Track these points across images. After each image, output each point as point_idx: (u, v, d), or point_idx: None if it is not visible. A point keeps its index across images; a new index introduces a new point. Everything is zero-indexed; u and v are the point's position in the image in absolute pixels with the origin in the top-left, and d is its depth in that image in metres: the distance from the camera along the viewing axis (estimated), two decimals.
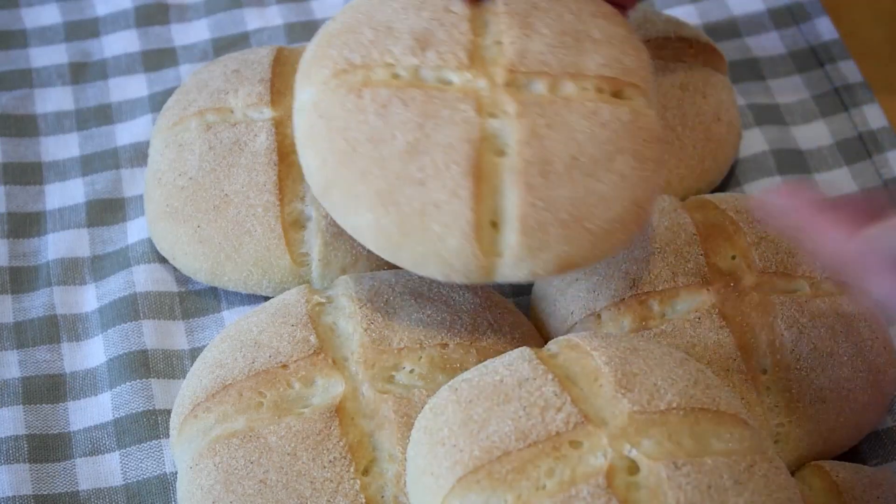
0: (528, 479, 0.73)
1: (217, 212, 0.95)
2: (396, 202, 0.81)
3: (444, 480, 0.75)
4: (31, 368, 0.94)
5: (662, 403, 0.76)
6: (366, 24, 0.87)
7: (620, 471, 0.74)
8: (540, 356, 0.80)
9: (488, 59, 0.86)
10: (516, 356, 0.80)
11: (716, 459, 0.74)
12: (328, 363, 0.86)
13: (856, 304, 0.92)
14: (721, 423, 0.76)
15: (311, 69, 0.87)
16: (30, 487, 0.88)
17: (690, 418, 0.76)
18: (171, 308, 0.97)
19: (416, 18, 0.86)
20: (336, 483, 0.82)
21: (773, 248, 0.93)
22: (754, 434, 0.77)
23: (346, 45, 0.86)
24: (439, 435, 0.77)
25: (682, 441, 0.75)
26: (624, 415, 0.76)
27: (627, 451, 0.74)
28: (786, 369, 0.88)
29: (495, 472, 0.74)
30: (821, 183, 1.05)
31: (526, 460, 0.74)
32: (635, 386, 0.77)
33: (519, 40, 0.86)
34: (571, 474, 0.73)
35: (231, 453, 0.84)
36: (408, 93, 0.83)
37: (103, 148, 1.07)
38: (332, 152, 0.83)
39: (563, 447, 0.74)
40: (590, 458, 0.74)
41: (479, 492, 0.73)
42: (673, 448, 0.74)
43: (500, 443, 0.75)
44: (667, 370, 0.79)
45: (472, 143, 0.82)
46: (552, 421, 0.75)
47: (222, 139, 0.97)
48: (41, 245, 1.01)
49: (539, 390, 0.77)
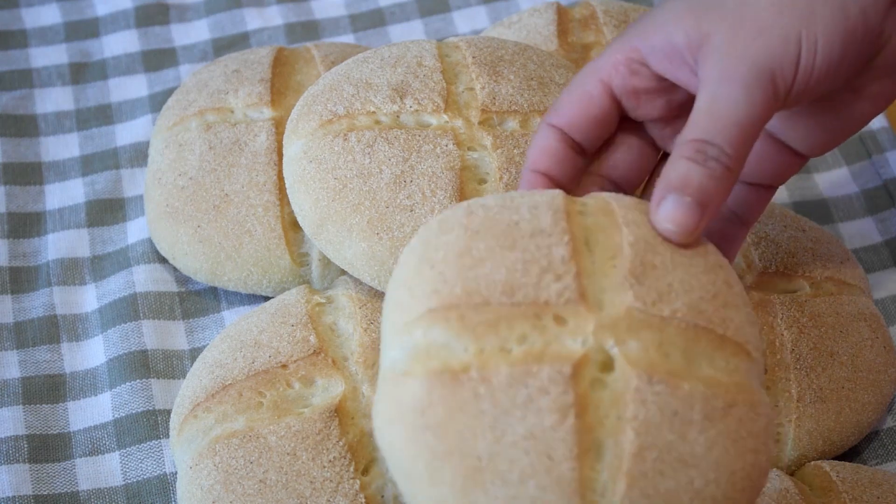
0: (497, 337, 0.69)
1: (217, 212, 0.95)
2: (388, 228, 0.87)
3: (418, 304, 0.70)
4: (31, 368, 0.94)
5: (667, 309, 0.70)
6: (345, 82, 0.92)
7: (593, 364, 0.69)
8: (569, 209, 0.73)
9: (462, 104, 0.91)
10: (546, 199, 0.74)
11: (694, 387, 0.69)
12: (328, 363, 0.86)
13: (856, 304, 0.92)
14: (721, 348, 0.70)
15: (298, 124, 0.91)
16: (30, 487, 0.88)
17: (690, 334, 0.70)
18: (171, 308, 0.97)
19: (391, 73, 0.92)
20: (336, 483, 0.82)
21: (774, 247, 0.93)
22: (751, 369, 0.72)
23: (329, 100, 0.91)
24: (434, 255, 0.72)
25: (671, 354, 0.69)
26: (623, 306, 0.70)
27: (610, 346, 0.69)
28: (786, 369, 0.88)
29: (468, 318, 0.69)
30: (821, 183, 1.05)
31: (502, 317, 0.69)
32: (647, 280, 0.71)
33: (489, 85, 0.91)
34: (542, 350, 0.69)
35: (231, 453, 0.84)
36: (391, 133, 0.89)
37: (103, 148, 1.08)
38: (324, 190, 0.89)
39: (546, 318, 0.69)
40: (567, 340, 0.69)
41: (445, 329, 0.69)
42: (658, 359, 0.69)
43: (485, 290, 0.70)
44: (690, 273, 0.72)
45: (454, 171, 0.88)
46: (546, 287, 0.70)
47: (222, 139, 0.97)
48: (41, 245, 1.01)
49: (548, 248, 0.71)
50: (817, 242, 0.95)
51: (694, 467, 0.67)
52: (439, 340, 0.69)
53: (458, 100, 0.91)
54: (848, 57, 0.74)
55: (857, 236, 1.02)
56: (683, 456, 0.67)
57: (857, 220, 1.03)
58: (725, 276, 0.74)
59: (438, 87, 0.91)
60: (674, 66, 0.75)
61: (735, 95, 0.71)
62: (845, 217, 1.03)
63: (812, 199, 1.04)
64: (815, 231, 0.96)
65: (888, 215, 1.03)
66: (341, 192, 0.88)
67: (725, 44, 0.73)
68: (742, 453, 0.69)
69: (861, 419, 0.89)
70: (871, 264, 1.00)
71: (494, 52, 0.94)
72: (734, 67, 0.72)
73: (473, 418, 0.67)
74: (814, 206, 1.04)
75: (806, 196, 1.04)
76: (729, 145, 0.71)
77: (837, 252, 0.95)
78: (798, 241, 0.94)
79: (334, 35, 1.17)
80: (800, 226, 0.96)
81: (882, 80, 0.77)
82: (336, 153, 0.89)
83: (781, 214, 0.96)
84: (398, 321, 0.71)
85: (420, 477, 0.68)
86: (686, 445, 0.67)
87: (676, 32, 0.74)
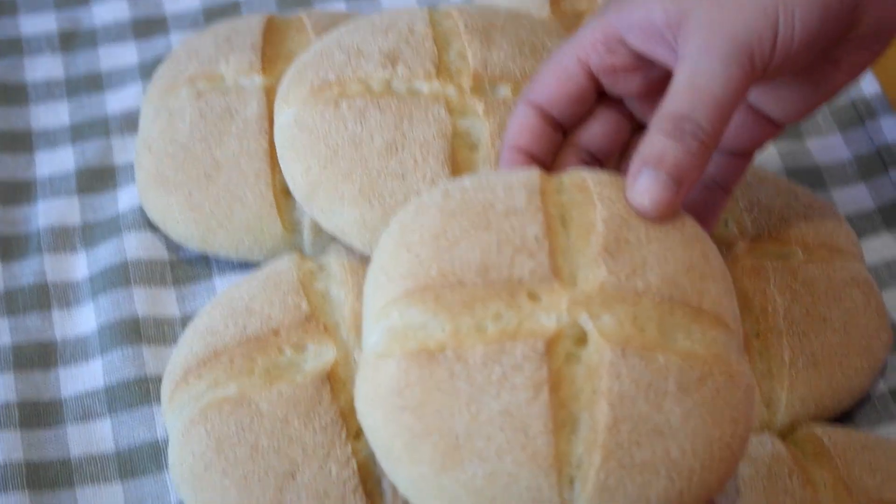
0: (472, 316, 0.69)
1: (208, 179, 0.95)
2: (380, 196, 0.87)
3: (395, 287, 0.71)
4: (21, 335, 0.94)
5: (641, 283, 0.70)
6: (336, 49, 0.91)
7: (567, 339, 0.69)
8: (545, 187, 0.74)
9: (454, 70, 0.91)
10: (522, 179, 0.75)
11: (669, 359, 0.69)
12: (320, 329, 0.86)
13: (848, 270, 0.92)
14: (697, 320, 0.71)
15: (289, 92, 0.91)
16: (21, 454, 0.88)
17: (665, 307, 0.70)
18: (163, 275, 0.97)
19: (383, 40, 0.91)
20: (328, 448, 0.82)
21: (766, 214, 0.93)
22: (729, 340, 0.72)
23: (320, 68, 0.91)
24: (410, 238, 0.73)
25: (645, 327, 0.70)
26: (597, 281, 0.70)
27: (583, 320, 0.69)
28: (778, 334, 0.88)
29: (444, 298, 0.70)
30: (813, 149, 1.05)
31: (477, 297, 0.70)
32: (622, 255, 0.71)
33: (481, 52, 0.91)
34: (516, 327, 0.69)
35: (222, 419, 0.83)
36: (382, 100, 0.89)
37: (93, 116, 1.07)
38: (316, 158, 0.88)
39: (520, 296, 0.70)
40: (541, 316, 0.69)
41: (421, 310, 0.70)
42: (633, 333, 0.69)
43: (460, 270, 0.70)
44: (666, 247, 0.72)
45: (446, 138, 0.87)
46: (520, 266, 0.70)
47: (213, 107, 0.97)
48: (31, 213, 1.01)
49: (522, 228, 0.72)
50: (810, 208, 0.95)
51: (670, 438, 0.68)
52: (416, 321, 0.70)
53: (450, 67, 0.91)
54: (825, 30, 0.74)
55: (850, 202, 1.02)
56: (659, 427, 0.68)
57: (850, 186, 1.03)
58: (702, 249, 0.74)
59: (430, 54, 0.90)
60: (652, 43, 0.76)
61: (713, 70, 0.72)
62: (838, 183, 1.03)
63: (805, 166, 1.04)
64: (807, 197, 0.96)
65: (881, 181, 1.03)
66: (332, 160, 0.88)
67: (704, 19, 0.73)
68: (719, 423, 0.69)
69: (853, 384, 0.89)
70: (864, 230, 1.00)
71: (486, 20, 0.93)
72: (712, 42, 0.72)
73: (450, 397, 0.68)
74: (806, 172, 1.04)
75: (799, 162, 1.04)
76: (706, 120, 0.72)
77: (830, 218, 0.95)
78: (791, 208, 0.94)
79: (326, 4, 1.16)
80: (793, 192, 0.96)
81: (859, 51, 0.78)
82: (327, 120, 0.89)
83: (774, 181, 0.96)
84: (376, 304, 0.72)
85: (399, 456, 0.69)
86: (661, 416, 0.68)
87: (655, 9, 0.75)
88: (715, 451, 0.68)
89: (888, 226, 1.01)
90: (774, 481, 0.82)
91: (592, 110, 0.81)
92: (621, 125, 0.81)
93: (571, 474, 0.67)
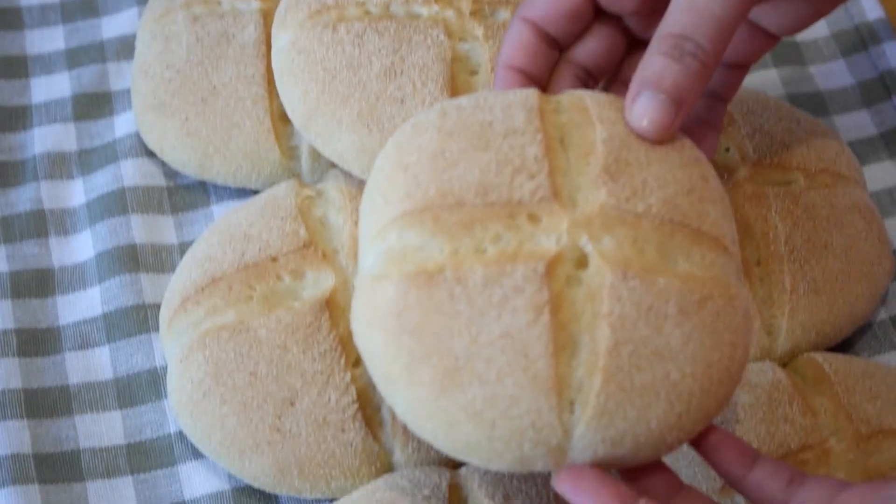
0: (471, 238, 0.69)
1: (205, 104, 0.94)
2: (378, 120, 0.86)
3: (392, 208, 0.70)
4: (18, 263, 0.94)
5: (641, 205, 0.70)
6: None
7: (568, 261, 0.69)
8: (543, 107, 0.73)
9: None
10: (520, 99, 0.73)
11: (669, 282, 0.68)
12: (318, 256, 0.86)
13: (850, 196, 0.91)
14: (696, 243, 0.70)
15: (287, 16, 0.90)
16: (19, 381, 0.88)
17: (665, 230, 0.70)
18: (160, 202, 0.97)
19: None
20: (327, 375, 0.82)
21: (768, 139, 0.92)
22: (728, 263, 0.72)
23: None
24: (407, 158, 0.72)
25: (645, 250, 0.69)
26: (597, 203, 0.70)
27: (584, 242, 0.69)
28: (779, 261, 0.87)
29: (442, 219, 0.69)
30: (816, 75, 1.04)
31: (476, 218, 0.69)
32: (622, 176, 0.71)
33: None
34: (516, 249, 0.68)
35: (221, 346, 0.83)
36: (381, 24, 0.88)
37: (89, 41, 1.06)
38: (314, 82, 0.88)
39: (520, 217, 0.69)
40: (542, 238, 0.69)
41: (419, 231, 0.69)
42: (633, 255, 0.69)
43: (458, 191, 0.70)
44: (665, 169, 0.72)
45: (445, 62, 0.87)
46: (519, 186, 0.70)
47: (210, 31, 0.96)
48: (27, 139, 1.01)
49: (521, 148, 0.71)
50: (812, 134, 0.94)
51: (670, 361, 0.68)
52: (414, 243, 0.69)
53: None
54: None
55: (853, 128, 1.01)
56: (659, 350, 0.67)
57: (853, 112, 1.02)
58: (701, 171, 0.73)
59: None
60: None
61: None
62: (841, 109, 1.03)
63: (808, 91, 1.03)
64: (810, 123, 0.95)
65: (884, 107, 1.02)
66: (331, 84, 0.87)
67: None
68: (718, 346, 0.69)
69: (854, 311, 0.89)
70: (867, 156, 1.00)
71: None
72: None
73: (449, 319, 0.67)
74: (809, 98, 1.03)
75: (801, 88, 1.04)
76: (706, 40, 0.71)
77: (832, 144, 0.94)
78: (793, 133, 0.93)
79: None
80: (795, 118, 0.95)
81: None
82: (325, 44, 0.88)
83: (776, 106, 0.95)
84: (373, 226, 0.71)
85: (398, 379, 0.69)
86: (662, 339, 0.68)
87: None
88: (714, 375, 0.68)
89: (891, 152, 1.00)
90: (774, 408, 0.82)
91: (589, 27, 0.79)
92: (617, 42, 0.80)
93: (572, 397, 0.67)
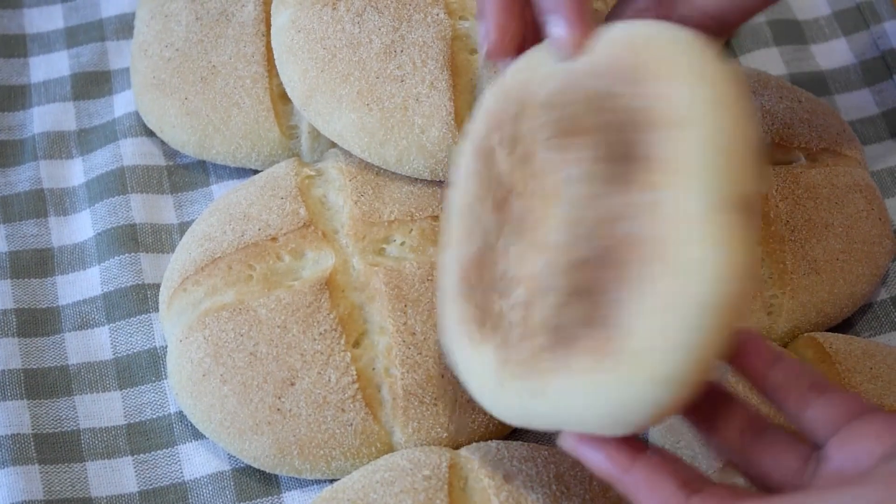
0: None
1: (205, 83, 0.94)
2: (378, 99, 0.86)
3: None
4: (18, 242, 0.94)
5: None
6: None
7: None
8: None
9: None
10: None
11: None
12: (318, 236, 0.86)
13: (851, 176, 0.91)
14: None
15: None
16: (19, 361, 0.88)
17: None
18: (160, 182, 0.97)
19: None
20: (327, 355, 0.82)
21: (770, 118, 0.92)
22: None
23: None
24: None
25: None
26: None
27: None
28: (780, 241, 0.87)
29: None
30: (818, 54, 1.04)
31: None
32: None
33: None
34: None
35: (221, 326, 0.83)
36: (381, 2, 0.88)
37: (88, 20, 1.06)
38: (313, 60, 0.88)
39: None
40: None
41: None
42: None
43: None
44: None
45: (445, 40, 0.87)
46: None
47: (209, 9, 0.96)
48: (26, 118, 1.00)
49: None
50: (813, 114, 0.94)
51: None
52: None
53: None
54: None
55: (854, 108, 1.01)
56: None
57: (855, 91, 1.02)
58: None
59: None
60: None
61: None
62: (842, 89, 1.02)
63: (809, 71, 1.03)
64: (811, 102, 0.95)
65: (886, 87, 1.02)
66: (330, 63, 0.87)
67: None
68: None
69: (855, 291, 0.89)
70: (868, 136, 0.99)
71: None
72: None
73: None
74: (810, 77, 1.03)
75: (803, 67, 1.03)
76: None
77: (834, 123, 0.94)
78: (794, 113, 0.93)
79: None
80: (796, 97, 0.95)
81: None
82: (325, 22, 0.88)
83: (778, 85, 0.95)
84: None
85: None
86: None
87: None
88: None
89: (892, 132, 1.00)
90: None
91: None
92: None
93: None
